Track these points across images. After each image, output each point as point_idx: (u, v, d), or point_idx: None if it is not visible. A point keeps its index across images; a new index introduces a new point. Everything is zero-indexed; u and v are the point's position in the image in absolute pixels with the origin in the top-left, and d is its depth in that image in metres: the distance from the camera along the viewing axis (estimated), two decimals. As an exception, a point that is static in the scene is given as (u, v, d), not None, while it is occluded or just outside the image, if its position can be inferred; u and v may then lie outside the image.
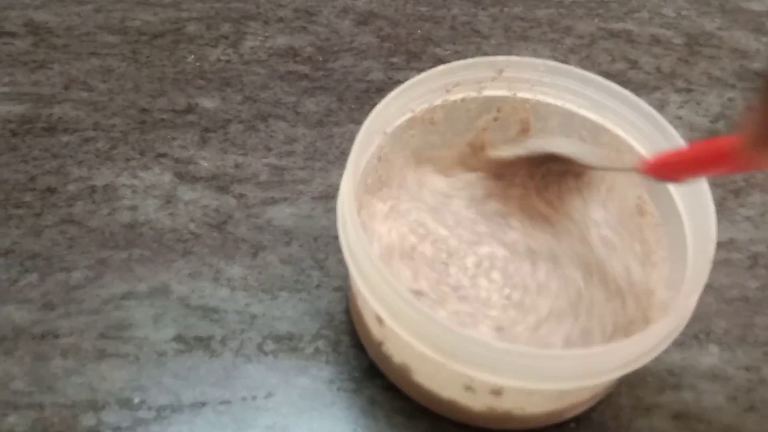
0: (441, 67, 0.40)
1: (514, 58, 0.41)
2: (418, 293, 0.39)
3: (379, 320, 0.34)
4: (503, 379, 0.32)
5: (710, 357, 0.43)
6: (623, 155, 0.40)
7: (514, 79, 0.42)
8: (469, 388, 0.35)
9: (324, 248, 0.46)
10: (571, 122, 0.42)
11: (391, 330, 0.33)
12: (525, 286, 0.40)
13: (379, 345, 0.38)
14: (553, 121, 0.43)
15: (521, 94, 0.42)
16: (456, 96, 0.42)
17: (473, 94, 0.42)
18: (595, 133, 0.42)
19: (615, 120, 0.41)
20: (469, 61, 0.41)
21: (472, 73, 0.41)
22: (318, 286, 0.44)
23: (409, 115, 0.41)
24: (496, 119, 0.43)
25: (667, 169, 0.36)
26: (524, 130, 0.44)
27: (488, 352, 0.31)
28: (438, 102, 0.41)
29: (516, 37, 0.60)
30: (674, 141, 0.38)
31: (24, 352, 0.41)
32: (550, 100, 0.42)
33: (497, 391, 0.34)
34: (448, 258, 0.41)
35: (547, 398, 0.36)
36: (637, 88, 0.56)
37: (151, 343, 0.41)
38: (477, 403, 0.36)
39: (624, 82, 0.44)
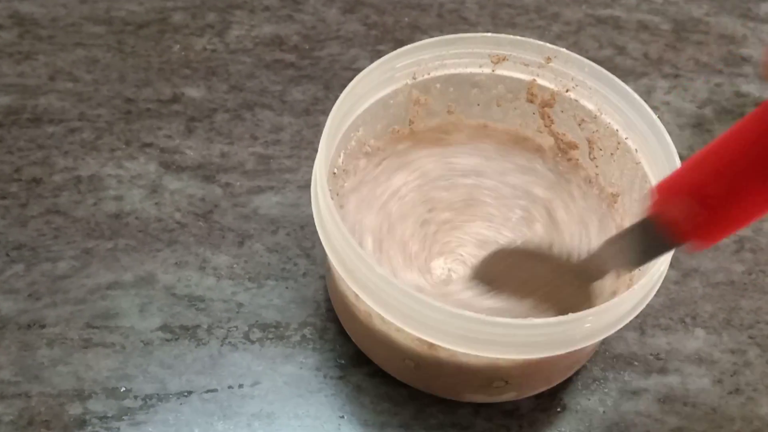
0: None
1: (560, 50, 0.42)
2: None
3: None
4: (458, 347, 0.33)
5: (696, 341, 0.43)
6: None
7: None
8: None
9: (310, 237, 0.46)
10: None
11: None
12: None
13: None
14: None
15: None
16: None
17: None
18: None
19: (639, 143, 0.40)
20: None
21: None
22: (304, 274, 0.44)
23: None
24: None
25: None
26: None
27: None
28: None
29: (503, 24, 0.59)
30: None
31: (10, 341, 0.41)
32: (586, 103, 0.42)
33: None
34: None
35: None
36: (625, 74, 0.56)
37: (137, 332, 0.41)
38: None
39: (611, 68, 0.44)
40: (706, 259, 0.46)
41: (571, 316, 0.31)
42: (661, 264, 0.33)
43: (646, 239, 0.26)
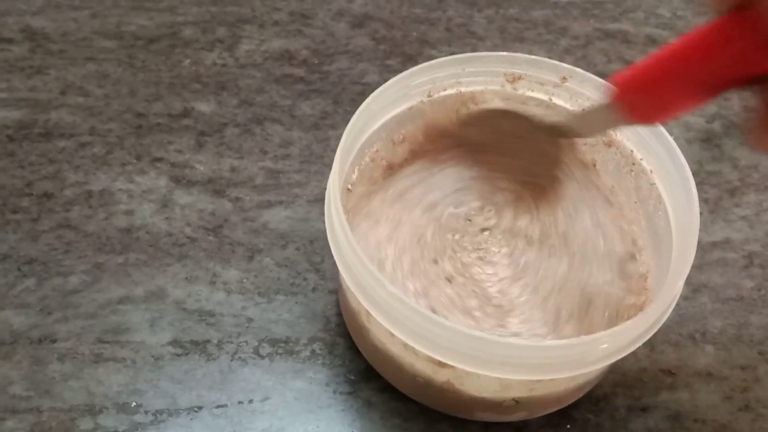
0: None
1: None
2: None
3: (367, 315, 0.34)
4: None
5: (706, 357, 0.43)
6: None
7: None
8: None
9: (320, 251, 0.46)
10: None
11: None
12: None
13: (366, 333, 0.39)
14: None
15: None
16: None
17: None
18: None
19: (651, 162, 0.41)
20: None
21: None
22: (314, 289, 0.44)
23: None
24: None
25: (646, 92, 0.31)
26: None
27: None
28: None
29: (511, 38, 0.60)
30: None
31: (22, 356, 0.41)
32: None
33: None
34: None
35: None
36: (633, 89, 0.56)
37: (148, 347, 0.41)
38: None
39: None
40: (715, 274, 0.46)
41: (584, 338, 0.31)
42: (675, 287, 0.34)
43: (604, 117, 0.33)
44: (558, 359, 0.32)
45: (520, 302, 0.39)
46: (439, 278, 0.40)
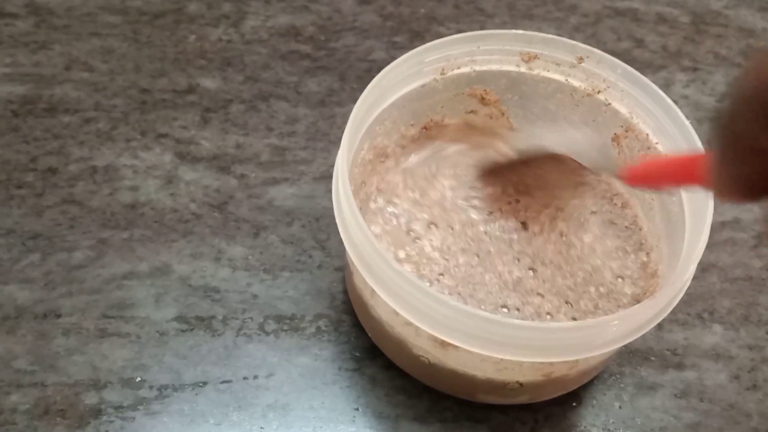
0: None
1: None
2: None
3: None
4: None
5: (713, 336, 0.43)
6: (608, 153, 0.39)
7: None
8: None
9: (325, 228, 0.45)
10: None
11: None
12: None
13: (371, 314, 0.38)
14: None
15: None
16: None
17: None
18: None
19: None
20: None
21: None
22: (319, 266, 0.44)
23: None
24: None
25: (645, 179, 0.34)
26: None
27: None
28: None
29: (520, 15, 0.59)
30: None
31: (26, 331, 0.41)
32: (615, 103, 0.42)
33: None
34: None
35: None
36: (643, 67, 0.55)
37: (153, 322, 0.41)
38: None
39: (629, 61, 0.43)
40: (724, 254, 0.46)
41: (590, 321, 0.31)
42: (687, 272, 0.33)
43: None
44: (565, 341, 0.32)
45: (535, 283, 0.39)
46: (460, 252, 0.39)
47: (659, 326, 0.42)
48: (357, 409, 0.39)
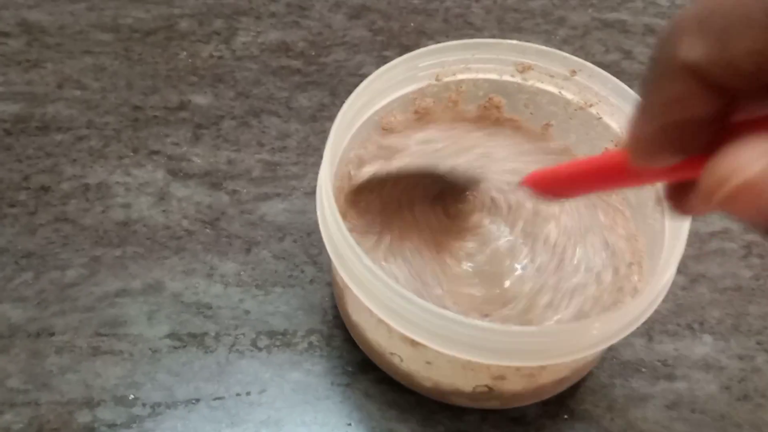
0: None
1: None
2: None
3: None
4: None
5: (704, 347, 0.43)
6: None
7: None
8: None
9: (317, 243, 0.46)
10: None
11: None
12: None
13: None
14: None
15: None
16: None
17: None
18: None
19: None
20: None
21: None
22: (311, 281, 0.44)
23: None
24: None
25: (549, 185, 0.33)
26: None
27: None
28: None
29: (509, 28, 0.59)
30: None
31: (19, 349, 0.41)
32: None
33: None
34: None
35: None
36: (631, 79, 0.56)
37: (145, 339, 0.42)
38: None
39: (618, 72, 0.44)
40: (713, 264, 0.46)
41: (574, 324, 0.31)
42: (668, 271, 0.33)
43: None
44: (528, 346, 0.32)
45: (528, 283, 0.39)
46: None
47: (649, 337, 0.43)
48: (350, 424, 0.39)
